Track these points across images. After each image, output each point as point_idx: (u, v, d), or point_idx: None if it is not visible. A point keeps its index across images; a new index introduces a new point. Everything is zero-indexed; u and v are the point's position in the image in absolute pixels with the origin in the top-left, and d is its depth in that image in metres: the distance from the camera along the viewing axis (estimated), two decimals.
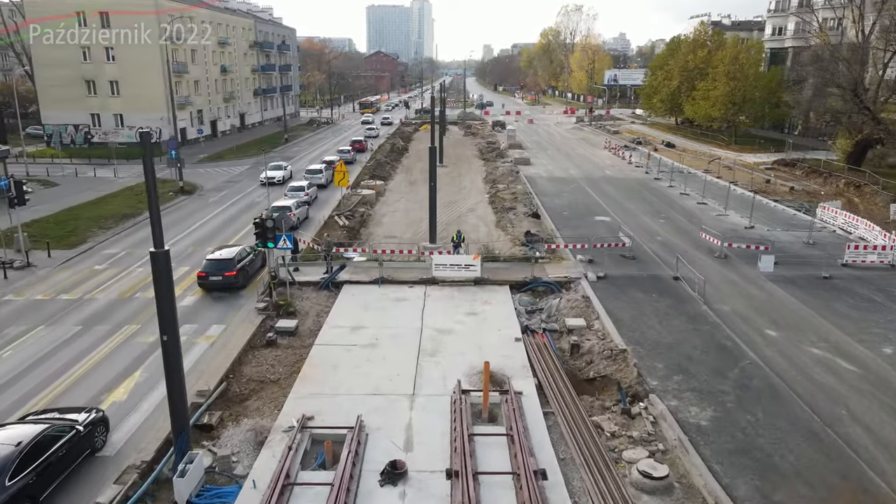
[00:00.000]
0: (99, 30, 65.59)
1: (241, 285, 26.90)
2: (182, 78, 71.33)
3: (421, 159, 65.77)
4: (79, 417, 15.51)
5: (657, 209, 41.83)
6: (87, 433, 15.24)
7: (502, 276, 27.66)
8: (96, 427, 15.68)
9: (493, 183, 51.86)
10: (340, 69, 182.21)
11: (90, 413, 15.88)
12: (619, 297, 25.46)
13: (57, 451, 14.19)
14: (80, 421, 15.32)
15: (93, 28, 65.67)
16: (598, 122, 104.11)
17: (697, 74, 78.41)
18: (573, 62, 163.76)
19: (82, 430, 15.06)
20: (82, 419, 15.45)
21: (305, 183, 43.51)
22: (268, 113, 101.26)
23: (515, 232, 36.13)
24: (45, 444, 14.05)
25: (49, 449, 14.06)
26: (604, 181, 52.48)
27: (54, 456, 14.11)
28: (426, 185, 52.83)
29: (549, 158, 65.69)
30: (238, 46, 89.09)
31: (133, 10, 63.92)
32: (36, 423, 14.89)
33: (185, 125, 71.69)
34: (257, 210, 40.78)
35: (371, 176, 53.64)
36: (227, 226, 37.36)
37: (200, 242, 33.84)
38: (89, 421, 15.51)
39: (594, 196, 46.12)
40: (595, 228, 36.76)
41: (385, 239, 35.86)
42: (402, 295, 26.19)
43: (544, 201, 44.24)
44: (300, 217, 37.33)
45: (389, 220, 40.26)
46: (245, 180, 52.59)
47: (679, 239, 34.48)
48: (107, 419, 16.31)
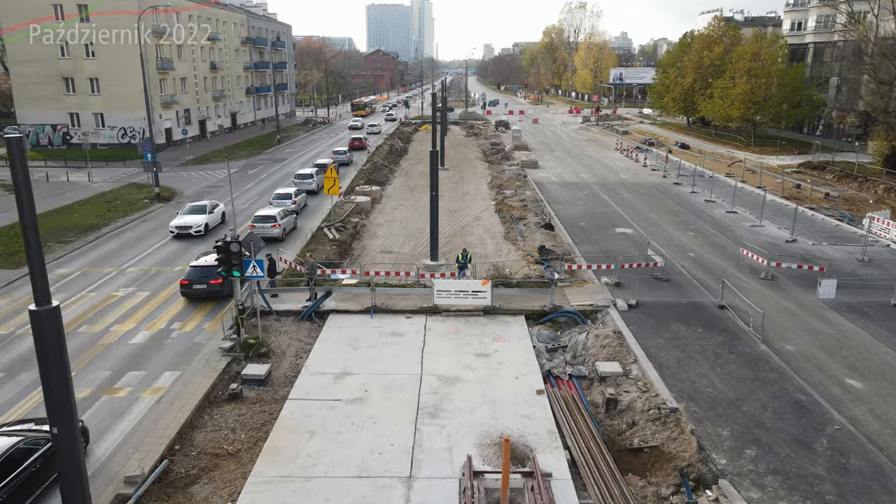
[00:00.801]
0: (78, 24, 61.40)
1: (228, 294, 23.30)
2: (167, 75, 67.16)
3: (421, 161, 61.64)
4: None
5: (684, 220, 37.63)
6: None
7: (516, 304, 23.49)
8: None
9: (499, 188, 47.67)
10: (339, 68, 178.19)
11: None
12: (658, 333, 21.28)
13: (30, 467, 13.06)
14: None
15: (70, 24, 61.49)
16: (605, 122, 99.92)
17: (713, 72, 74.28)
18: (577, 60, 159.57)
19: None
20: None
21: (293, 189, 39.26)
22: (261, 112, 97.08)
23: (527, 246, 31.95)
24: (16, 458, 12.91)
25: (21, 464, 12.93)
26: (620, 186, 48.28)
27: (27, 472, 12.95)
28: (426, 190, 48.67)
29: (557, 161, 61.49)
30: (229, 42, 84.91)
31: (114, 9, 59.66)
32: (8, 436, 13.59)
33: (170, 125, 67.54)
34: (242, 218, 36.69)
35: (367, 180, 49.47)
36: (203, 239, 33.15)
37: (168, 260, 29.65)
38: None
39: (612, 204, 41.91)
40: (617, 243, 32.58)
41: (381, 254, 31.72)
42: (398, 328, 22.01)
43: (557, 210, 40.04)
44: (286, 228, 33.14)
45: (386, 231, 36.09)
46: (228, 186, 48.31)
47: (714, 255, 30.29)
48: (86, 430, 14.96)
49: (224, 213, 36.42)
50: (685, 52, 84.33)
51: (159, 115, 65.11)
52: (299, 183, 44.80)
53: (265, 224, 31.67)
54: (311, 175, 45.93)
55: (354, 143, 71.47)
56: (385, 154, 64.01)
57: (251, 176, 52.34)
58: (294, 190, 39.13)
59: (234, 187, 47.54)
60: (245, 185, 48.20)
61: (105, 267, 28.49)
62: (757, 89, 64.27)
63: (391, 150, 67.61)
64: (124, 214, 38.25)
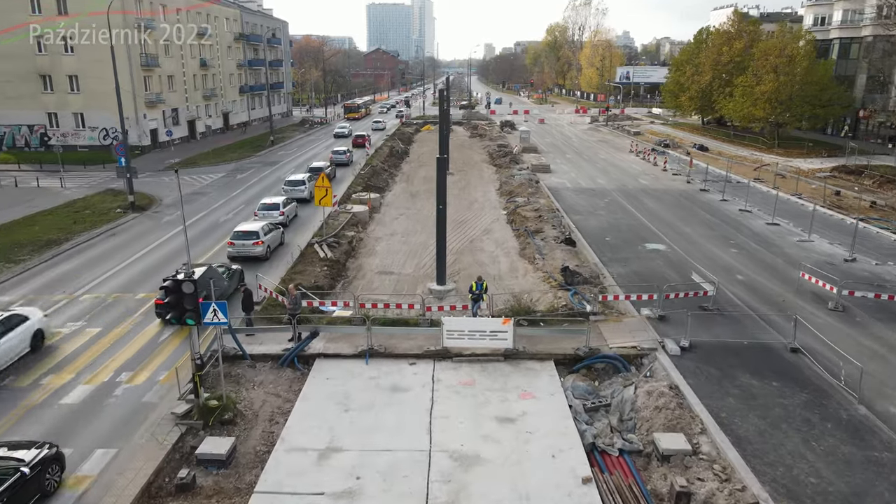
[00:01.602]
0: (55, 17, 57.20)
1: None
2: (152, 72, 62.89)
3: (423, 165, 57.48)
4: (26, 456, 12.99)
5: (722, 233, 33.40)
6: (36, 474, 12.74)
7: (544, 346, 19.29)
8: (47, 466, 13.06)
9: (509, 195, 43.48)
10: (338, 67, 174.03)
11: (41, 449, 13.23)
12: (725, 388, 17.07)
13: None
14: (28, 461, 12.83)
15: (47, 16, 57.31)
16: (614, 122, 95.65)
17: (732, 69, 70.03)
18: (583, 59, 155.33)
19: (28, 473, 12.59)
20: (30, 458, 12.94)
21: (281, 199, 34.92)
22: (256, 112, 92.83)
23: (548, 266, 27.74)
24: None
25: None
26: (642, 193, 44.06)
27: None
28: (430, 197, 44.52)
29: (570, 165, 57.26)
30: (221, 38, 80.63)
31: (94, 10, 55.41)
32: None
33: (155, 125, 63.28)
34: (221, 232, 32.54)
35: (365, 186, 45.26)
36: (177, 256, 28.94)
37: (132, 284, 25.45)
38: (38, 460, 12.93)
39: (637, 214, 37.69)
40: (650, 262, 28.35)
41: (379, 275, 27.52)
42: (399, 380, 17.80)
43: (577, 221, 35.85)
44: (271, 245, 28.88)
45: (385, 246, 31.87)
46: (214, 192, 44.21)
47: (766, 278, 26.07)
48: (61, 456, 13.66)
49: None
50: (700, 48, 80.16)
51: (143, 114, 60.91)
52: (290, 190, 40.55)
53: (246, 241, 27.47)
54: (303, 182, 41.73)
55: (357, 139, 69.44)
56: (385, 157, 59.79)
57: (239, 181, 48.12)
58: (283, 199, 34.83)
59: (220, 194, 43.47)
60: (231, 192, 43.99)
61: (56, 293, 24.30)
62: (783, 87, 59.98)
63: (391, 152, 63.38)
64: (91, 227, 34.04)
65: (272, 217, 33.23)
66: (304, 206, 38.31)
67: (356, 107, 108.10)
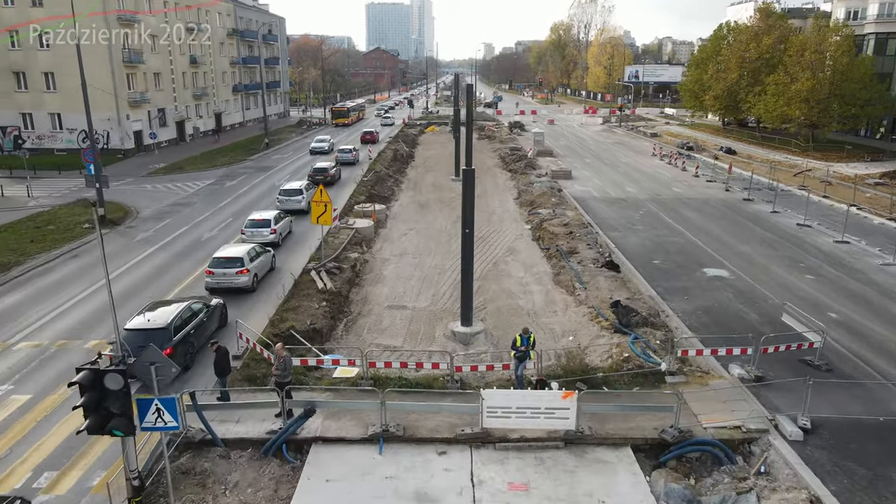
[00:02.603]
0: (28, 8, 52.43)
1: (183, 366, 16.14)
2: (136, 69, 57.98)
3: (431, 170, 52.69)
4: None
5: (786, 254, 28.59)
6: None
7: (615, 426, 14.46)
8: None
9: (530, 206, 38.70)
10: (338, 66, 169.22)
11: None
12: (884, 499, 12.24)
13: None
14: None
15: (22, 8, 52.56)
16: (628, 123, 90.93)
17: (762, 66, 65.27)
18: (590, 58, 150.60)
19: None
20: None
21: (273, 214, 29.99)
22: (250, 113, 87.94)
23: (592, 298, 22.96)
24: None
25: None
26: (679, 204, 39.27)
27: None
28: (442, 208, 39.66)
29: (592, 170, 52.43)
30: (213, 34, 75.71)
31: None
32: None
33: (140, 127, 58.39)
34: (202, 254, 27.68)
35: (368, 195, 40.41)
36: (147, 286, 24.13)
37: (87, 324, 20.61)
38: None
39: (681, 229, 32.91)
40: (717, 294, 23.54)
41: (389, 310, 22.70)
42: (426, 480, 12.97)
43: (615, 239, 31.07)
44: (258, 273, 24.01)
45: (395, 270, 27.04)
46: (199, 202, 39.35)
47: (865, 315, 21.27)
48: None
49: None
50: (721, 45, 75.44)
51: (126, 115, 56.01)
52: (285, 201, 35.75)
53: (228, 270, 22.60)
54: (300, 191, 36.72)
55: (366, 136, 68.51)
56: (388, 161, 54.93)
57: (228, 190, 43.23)
58: (274, 214, 29.87)
59: (205, 204, 38.59)
60: (218, 202, 39.12)
61: None
62: (821, 86, 55.22)
63: (395, 156, 58.55)
64: (52, 246, 29.14)
65: (262, 236, 28.42)
66: (301, 218, 33.45)
67: (345, 111, 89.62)
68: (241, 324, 17.98)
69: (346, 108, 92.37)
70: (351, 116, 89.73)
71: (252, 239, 28.35)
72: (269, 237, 28.60)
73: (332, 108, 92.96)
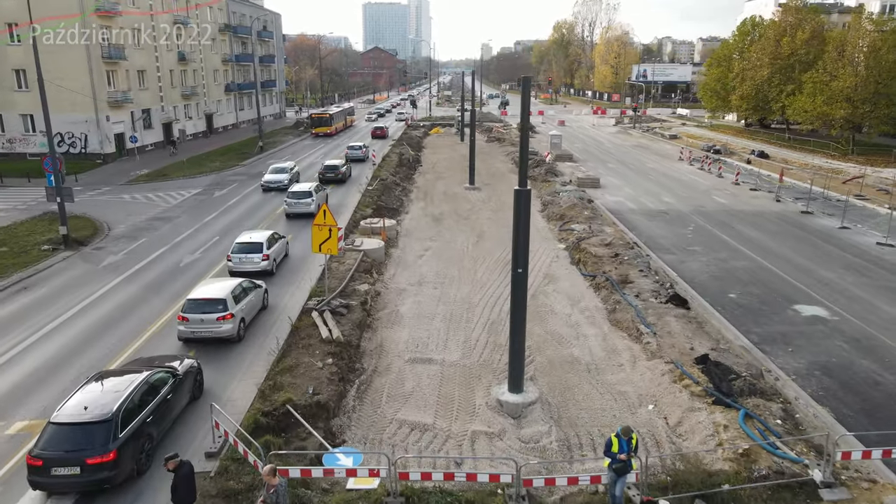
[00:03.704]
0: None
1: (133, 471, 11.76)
2: (117, 66, 52.99)
3: (441, 177, 47.87)
4: None
5: (884, 283, 23.81)
6: None
7: None
8: None
9: (560, 220, 33.93)
10: (335, 65, 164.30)
11: None
12: None
13: None
14: None
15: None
16: (643, 125, 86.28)
17: (795, 63, 60.66)
18: (596, 56, 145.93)
19: None
20: None
21: (265, 236, 24.77)
22: (244, 113, 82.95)
23: (666, 347, 18.18)
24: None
25: None
26: (730, 217, 34.52)
27: None
28: (458, 221, 34.62)
29: (620, 177, 47.63)
30: (203, 28, 70.70)
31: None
32: None
33: (122, 129, 53.39)
34: (180, 284, 22.83)
35: (375, 208, 35.58)
36: (102, 334, 19.21)
37: (12, 399, 15.67)
38: None
39: (745, 251, 28.12)
40: (825, 342, 18.71)
41: (410, 365, 17.87)
42: None
43: (671, 263, 26.30)
44: (247, 316, 19.03)
45: (414, 306, 22.18)
46: (183, 216, 34.43)
47: None
48: None
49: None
50: (744, 42, 70.91)
51: (106, 116, 51.03)
52: (293, 205, 33.04)
53: (207, 314, 17.66)
54: (310, 193, 33.38)
55: (376, 131, 70.09)
56: (394, 167, 50.03)
57: (216, 201, 38.28)
58: (268, 236, 24.81)
59: (189, 219, 33.65)
60: (205, 216, 34.19)
61: None
62: (866, 83, 50.58)
63: (401, 161, 53.65)
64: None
65: (252, 262, 23.55)
66: (308, 222, 28.56)
67: (327, 117, 71.45)
68: (216, 409, 13.02)
69: (328, 114, 73.04)
70: (335, 124, 72.57)
71: (240, 266, 23.54)
72: (260, 265, 23.72)
73: (310, 115, 75.23)
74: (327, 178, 42.94)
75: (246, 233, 25.77)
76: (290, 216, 33.07)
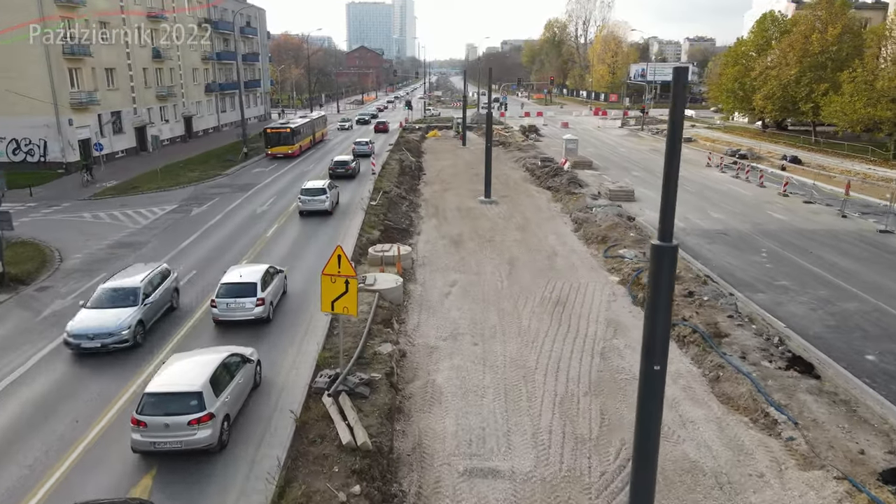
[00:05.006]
0: None
1: None
2: (82, 63, 46.98)
3: (449, 187, 42.58)
4: None
5: None
6: None
7: None
8: None
9: (601, 242, 28.72)
10: (321, 65, 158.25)
11: None
12: None
13: None
14: None
15: None
16: (652, 127, 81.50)
17: (827, 61, 56.06)
18: (592, 55, 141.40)
19: None
20: None
21: (259, 274, 19.30)
22: (226, 116, 76.97)
23: (819, 444, 13.04)
24: None
25: None
26: (802, 239, 29.53)
27: None
28: (481, 245, 29.19)
29: (653, 189, 42.47)
30: (181, 22, 64.65)
31: None
32: None
33: (88, 134, 47.39)
34: (143, 352, 17.18)
35: (383, 230, 30.10)
36: (25, 438, 13.61)
37: None
38: None
39: (846, 286, 23.04)
40: None
41: (467, 480, 12.54)
42: None
43: (764, 304, 21.17)
44: (232, 411, 13.36)
45: (452, 375, 16.72)
46: (153, 241, 28.70)
47: None
48: None
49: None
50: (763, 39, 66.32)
51: (69, 120, 45.03)
52: (307, 202, 32.05)
53: (175, 417, 12.06)
54: (324, 190, 32.60)
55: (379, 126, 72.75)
56: (396, 176, 44.52)
57: (194, 220, 32.56)
58: (262, 273, 19.26)
59: (161, 246, 27.88)
60: (179, 242, 28.44)
61: None
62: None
63: (402, 168, 48.17)
64: None
65: (243, 309, 18.32)
66: (323, 222, 23.02)
67: (287, 133, 52.46)
68: None
69: (288, 128, 53.30)
70: (298, 141, 53.92)
71: (228, 314, 18.28)
72: (254, 311, 18.40)
73: (265, 130, 54.52)
74: (337, 173, 42.33)
75: (234, 269, 20.26)
76: (304, 213, 32.21)
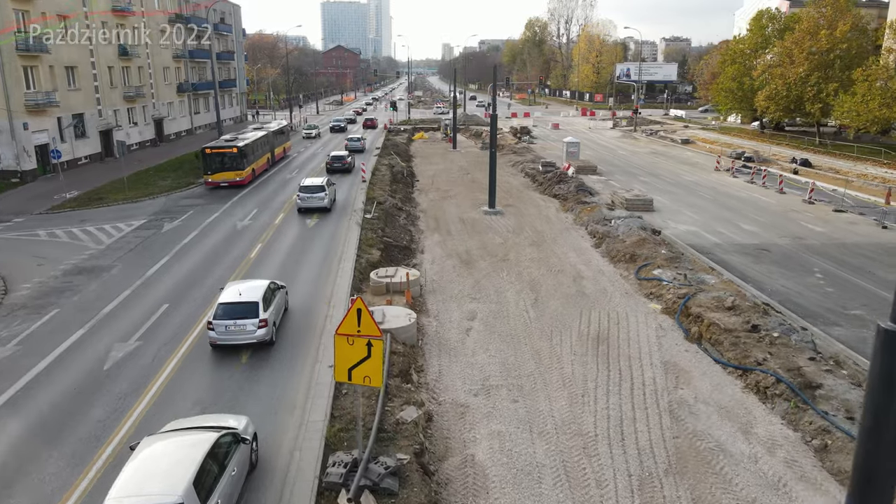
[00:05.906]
0: None
1: None
2: (39, 61, 42.56)
3: (447, 195, 39.16)
4: None
5: None
6: None
7: None
8: None
9: (630, 261, 25.50)
10: (298, 64, 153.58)
11: None
12: None
13: None
14: None
15: None
16: (646, 128, 78.96)
17: (835, 59, 53.71)
18: (576, 55, 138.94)
19: None
20: None
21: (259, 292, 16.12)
22: (200, 117, 72.55)
23: None
24: None
25: None
26: (851, 254, 26.60)
27: None
28: (495, 265, 25.14)
29: (668, 196, 39.42)
30: (149, 18, 60.22)
31: None
32: None
33: (46, 139, 42.95)
34: (100, 411, 13.27)
35: (383, 249, 26.50)
36: None
37: None
38: None
39: None
40: None
41: None
42: None
43: (847, 341, 18.04)
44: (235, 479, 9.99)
45: (494, 448, 13.30)
46: (119, 264, 24.77)
47: None
48: None
49: None
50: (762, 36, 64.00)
51: (23, 123, 40.60)
52: (306, 199, 31.67)
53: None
54: (322, 187, 32.18)
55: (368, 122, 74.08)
56: (388, 184, 40.89)
57: (166, 238, 28.61)
58: (263, 290, 15.86)
59: (125, 273, 23.87)
60: (148, 265, 24.53)
61: None
62: None
63: (393, 175, 44.53)
64: None
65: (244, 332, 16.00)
66: (323, 218, 19.29)
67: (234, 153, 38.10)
68: None
69: (234, 147, 38.34)
70: (249, 166, 39.78)
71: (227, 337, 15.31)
72: (256, 334, 15.54)
73: (203, 149, 38.68)
74: (335, 167, 43.42)
75: (232, 286, 16.84)
76: (302, 211, 32.12)
